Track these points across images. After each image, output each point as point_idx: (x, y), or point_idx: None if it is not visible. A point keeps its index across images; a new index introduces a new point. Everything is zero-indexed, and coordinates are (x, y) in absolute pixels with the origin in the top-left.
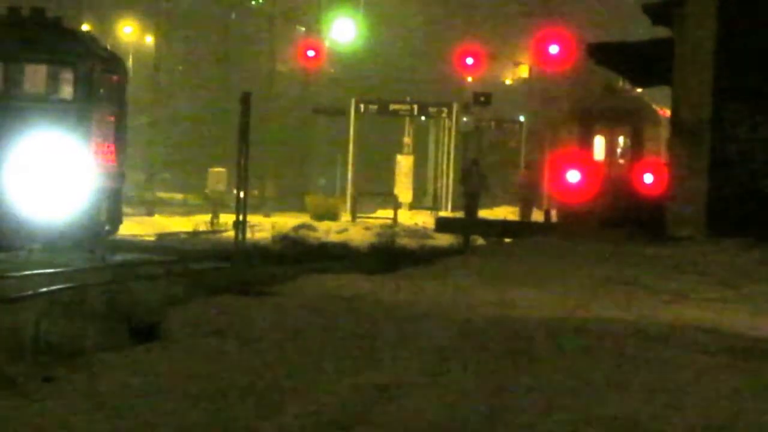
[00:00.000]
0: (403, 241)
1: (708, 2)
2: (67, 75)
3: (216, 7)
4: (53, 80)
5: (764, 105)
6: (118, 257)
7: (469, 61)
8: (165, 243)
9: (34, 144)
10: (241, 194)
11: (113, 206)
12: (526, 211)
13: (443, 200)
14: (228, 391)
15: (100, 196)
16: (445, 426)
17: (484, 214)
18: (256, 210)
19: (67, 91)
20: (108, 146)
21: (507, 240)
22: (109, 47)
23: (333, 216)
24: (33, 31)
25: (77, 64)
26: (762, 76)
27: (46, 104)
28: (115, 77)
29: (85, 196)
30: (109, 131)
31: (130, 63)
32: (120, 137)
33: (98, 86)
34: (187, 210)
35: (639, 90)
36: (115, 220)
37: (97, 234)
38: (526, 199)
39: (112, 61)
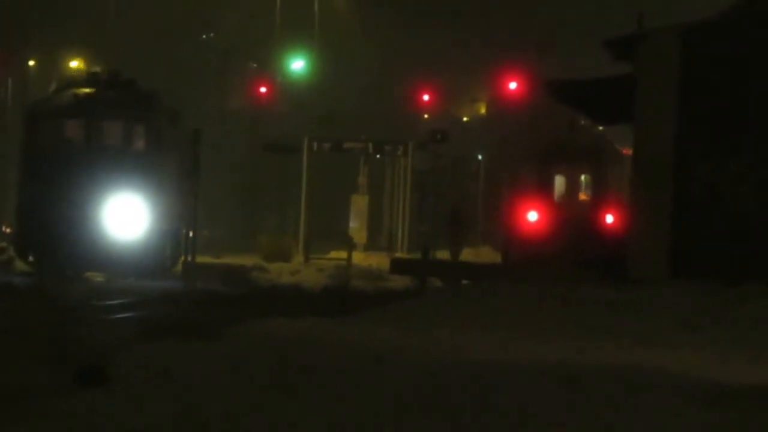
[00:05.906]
0: (358, 284)
1: (670, 37)
2: (139, 130)
3: (165, 41)
4: (127, 134)
5: (728, 143)
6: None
7: (426, 98)
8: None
9: (111, 189)
10: (191, 234)
11: (175, 243)
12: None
13: (399, 241)
14: None
15: (165, 234)
16: None
17: (441, 255)
18: (206, 251)
19: (139, 144)
20: (173, 191)
21: (465, 282)
22: (174, 106)
23: (285, 257)
24: (110, 92)
25: (147, 121)
26: (726, 113)
27: (121, 155)
28: (177, 130)
29: (153, 234)
30: (174, 178)
31: None
32: (183, 183)
33: (165, 139)
34: None
35: (600, 128)
36: (176, 256)
37: (161, 267)
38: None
39: (175, 116)
